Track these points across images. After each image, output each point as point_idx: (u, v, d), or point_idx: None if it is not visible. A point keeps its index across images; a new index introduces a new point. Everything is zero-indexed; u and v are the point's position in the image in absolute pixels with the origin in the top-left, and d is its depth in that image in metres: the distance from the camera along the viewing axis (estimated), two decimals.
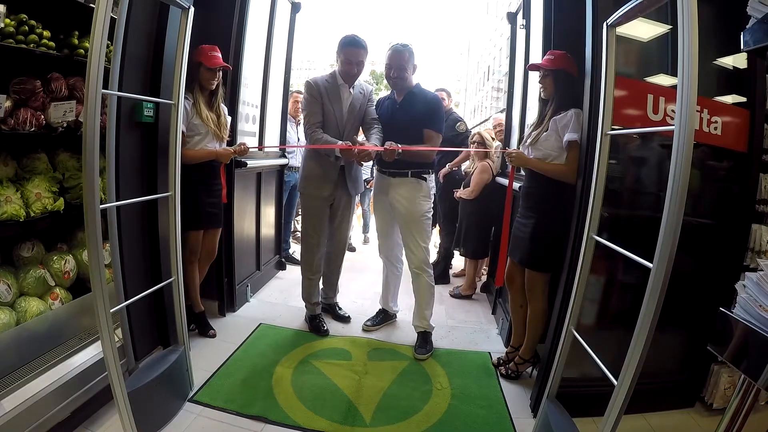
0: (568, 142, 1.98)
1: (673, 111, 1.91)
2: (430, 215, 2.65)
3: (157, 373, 1.75)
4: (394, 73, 2.53)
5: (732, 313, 0.73)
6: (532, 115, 2.79)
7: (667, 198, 1.19)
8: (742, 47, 0.87)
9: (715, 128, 1.97)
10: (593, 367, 1.52)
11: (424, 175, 2.60)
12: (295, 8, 3.62)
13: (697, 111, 1.92)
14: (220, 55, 2.32)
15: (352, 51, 2.48)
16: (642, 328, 1.27)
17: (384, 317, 2.93)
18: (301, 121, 3.11)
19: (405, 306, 3.01)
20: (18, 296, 1.68)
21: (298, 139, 3.97)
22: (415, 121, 2.52)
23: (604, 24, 1.59)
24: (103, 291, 1.39)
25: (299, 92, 3.84)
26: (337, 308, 3.02)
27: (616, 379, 1.36)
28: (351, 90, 2.58)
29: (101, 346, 1.43)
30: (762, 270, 0.72)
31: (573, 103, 1.99)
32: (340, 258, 2.95)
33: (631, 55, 2.01)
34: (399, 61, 2.50)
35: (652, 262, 1.24)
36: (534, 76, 2.70)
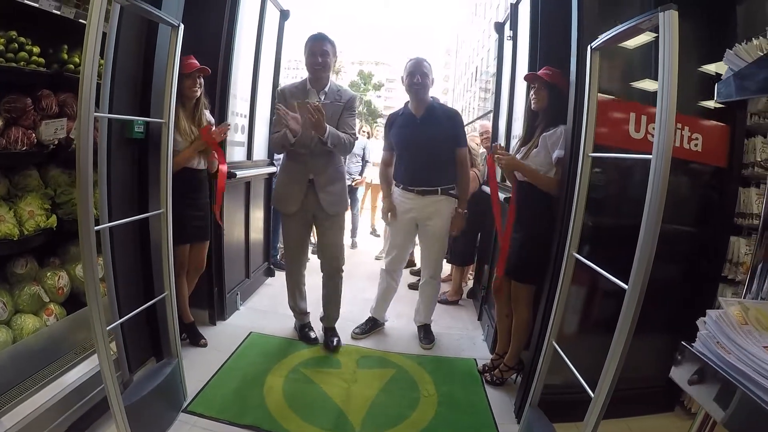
0: (558, 158, 2.05)
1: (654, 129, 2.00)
2: None
3: (153, 386, 1.79)
4: (418, 79, 2.58)
5: (692, 347, 0.81)
6: (517, 125, 2.86)
7: (642, 223, 1.26)
8: (715, 96, 0.94)
9: (696, 145, 2.06)
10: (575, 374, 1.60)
11: (452, 192, 2.69)
12: (284, 16, 3.64)
13: (678, 128, 2.01)
14: (195, 61, 2.31)
15: (314, 43, 2.40)
16: (617, 344, 1.35)
17: (373, 325, 2.97)
18: None
19: (392, 314, 3.08)
20: (13, 313, 1.71)
21: None
22: (441, 139, 2.59)
23: (589, 47, 1.63)
24: (99, 312, 1.43)
25: None
26: (324, 332, 2.80)
27: (593, 391, 1.45)
28: (321, 96, 2.44)
29: (99, 363, 1.47)
30: (721, 308, 0.79)
31: (562, 119, 2.04)
32: (332, 284, 2.73)
33: (617, 60, 2.08)
34: (422, 69, 2.60)
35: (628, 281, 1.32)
36: (521, 85, 2.77)
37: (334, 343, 2.70)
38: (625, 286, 1.31)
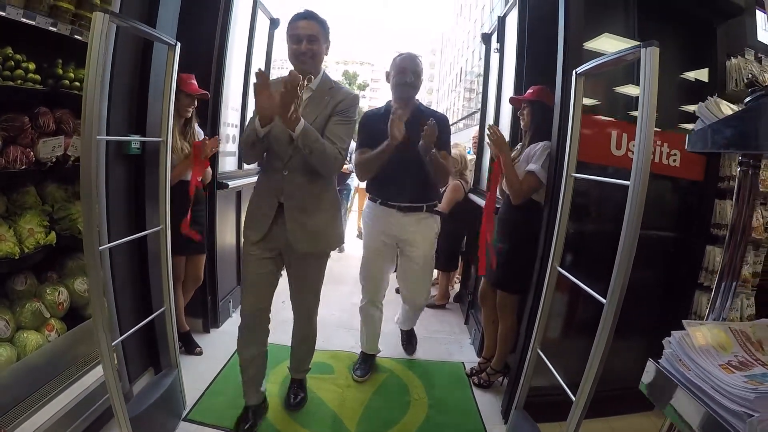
0: (528, 171, 2.16)
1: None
2: None
3: (155, 398, 1.86)
4: (410, 78, 2.22)
5: (658, 363, 0.91)
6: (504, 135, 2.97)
7: (620, 244, 1.37)
8: (686, 145, 1.04)
9: (674, 160, 2.18)
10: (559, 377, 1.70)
11: (437, 209, 2.44)
12: (274, 24, 3.67)
13: (658, 145, 2.13)
14: (195, 82, 2.40)
15: (295, 24, 1.81)
16: (596, 352, 1.46)
17: (371, 361, 2.67)
18: None
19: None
20: (16, 330, 1.74)
21: None
22: None
23: (574, 72, 1.74)
24: (105, 330, 1.49)
25: None
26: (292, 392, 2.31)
27: (575, 395, 1.56)
28: (304, 93, 1.83)
29: (105, 379, 1.54)
30: (685, 330, 0.90)
31: (548, 134, 2.14)
32: (301, 334, 2.23)
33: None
34: (414, 67, 2.25)
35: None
36: (507, 94, 2.86)
37: (298, 399, 2.26)
38: (603, 300, 1.42)
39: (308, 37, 1.79)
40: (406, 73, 2.22)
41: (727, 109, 0.94)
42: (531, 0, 2.66)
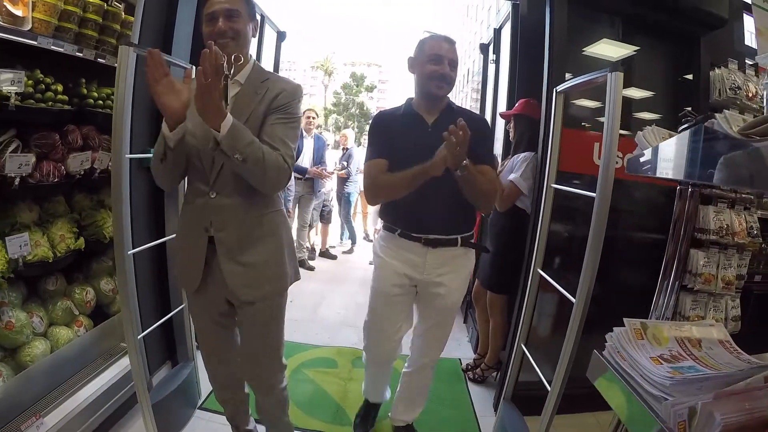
0: (508, 180, 2.32)
1: (619, 156, 2.24)
2: None
3: (173, 388, 2.06)
4: (446, 69, 1.67)
5: (601, 354, 1.07)
6: (497, 144, 3.11)
7: (586, 252, 1.52)
8: (625, 169, 1.17)
9: None
10: (546, 373, 1.84)
11: (472, 240, 1.83)
12: (281, 37, 3.85)
13: None
14: None
15: (210, 1, 1.39)
16: (567, 347, 1.61)
17: (375, 413, 2.28)
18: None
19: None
20: (49, 326, 1.94)
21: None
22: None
23: (554, 90, 1.88)
24: (134, 326, 1.68)
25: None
26: None
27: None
28: (231, 89, 1.41)
29: (131, 369, 1.73)
30: (625, 327, 1.05)
31: (533, 145, 2.29)
32: (267, 410, 1.78)
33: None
34: (452, 54, 1.70)
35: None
36: (503, 102, 3.01)
37: None
38: (573, 299, 1.57)
39: (226, 12, 1.36)
40: (441, 62, 1.67)
41: (661, 138, 1.08)
42: (523, 15, 2.79)
